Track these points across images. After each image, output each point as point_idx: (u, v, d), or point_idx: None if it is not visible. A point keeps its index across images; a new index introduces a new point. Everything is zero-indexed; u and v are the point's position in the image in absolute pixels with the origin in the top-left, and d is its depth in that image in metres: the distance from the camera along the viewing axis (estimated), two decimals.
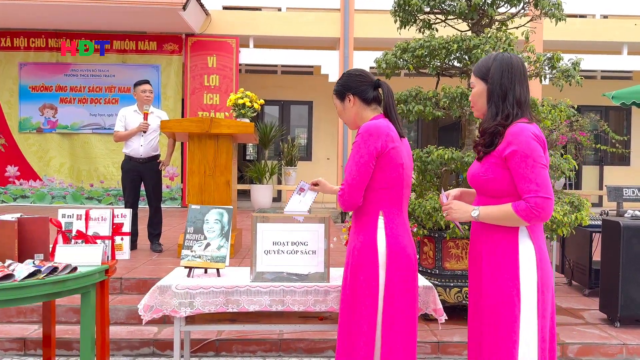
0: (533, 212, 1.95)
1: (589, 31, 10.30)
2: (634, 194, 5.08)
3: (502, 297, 2.01)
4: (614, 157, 12.30)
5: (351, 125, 2.39)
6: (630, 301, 4.03)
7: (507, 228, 2.04)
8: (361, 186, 2.21)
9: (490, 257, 2.07)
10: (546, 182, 1.96)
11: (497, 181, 2.04)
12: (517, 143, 1.98)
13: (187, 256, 2.85)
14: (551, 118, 4.16)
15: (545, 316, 2.02)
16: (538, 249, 2.04)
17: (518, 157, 1.97)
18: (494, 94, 2.09)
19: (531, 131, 2.01)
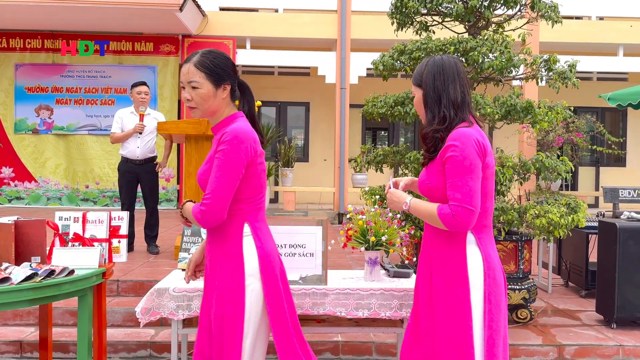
0: (453, 220, 1.93)
1: (585, 33, 10.34)
2: (630, 195, 5.10)
3: (455, 306, 1.97)
4: (610, 158, 12.35)
5: (203, 114, 2.08)
6: (626, 302, 4.04)
7: (455, 236, 2.01)
8: (228, 199, 1.98)
9: (439, 264, 2.04)
10: (472, 194, 1.92)
11: (440, 189, 2.02)
12: (455, 149, 1.95)
13: (185, 259, 2.85)
14: (548, 120, 4.17)
15: (493, 328, 1.96)
16: (485, 256, 2.01)
17: (452, 162, 1.95)
18: (429, 98, 2.07)
19: (472, 137, 1.97)
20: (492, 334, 1.95)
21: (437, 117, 2.04)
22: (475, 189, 1.94)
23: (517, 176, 4.28)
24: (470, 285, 1.97)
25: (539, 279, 5.38)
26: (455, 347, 1.95)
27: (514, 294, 4.02)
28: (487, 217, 2.06)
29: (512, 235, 4.09)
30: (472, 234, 2.02)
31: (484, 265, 1.99)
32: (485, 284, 1.98)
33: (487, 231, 2.07)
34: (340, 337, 3.77)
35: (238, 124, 2.04)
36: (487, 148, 2.01)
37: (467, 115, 2.06)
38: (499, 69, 4.11)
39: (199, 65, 2.04)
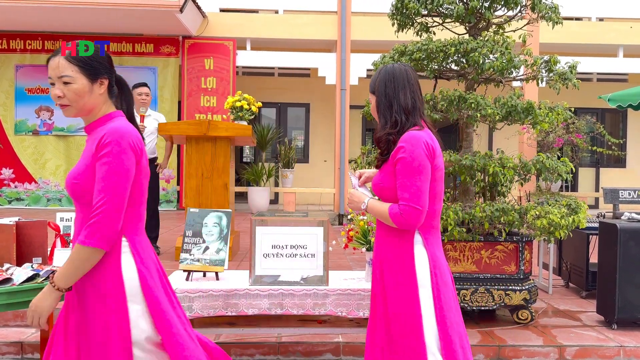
0: (401, 218, 2.00)
1: (585, 34, 10.35)
2: (630, 196, 5.10)
3: (405, 305, 2.03)
4: (610, 159, 12.35)
5: (78, 113, 1.88)
6: (627, 303, 4.04)
7: (403, 233, 2.07)
8: (122, 210, 1.75)
9: (389, 263, 2.10)
10: (419, 193, 1.99)
11: (392, 190, 2.08)
12: (405, 151, 2.02)
13: (186, 260, 2.85)
14: (549, 121, 4.17)
15: (446, 324, 2.02)
16: (432, 256, 2.07)
17: (402, 164, 2.02)
18: (381, 104, 2.15)
19: (421, 139, 2.04)
20: (445, 329, 2.01)
21: (389, 122, 2.12)
22: (423, 189, 2.01)
23: (518, 177, 4.29)
24: (419, 284, 2.03)
25: (540, 280, 5.38)
26: (408, 343, 2.02)
27: (515, 295, 4.03)
28: (434, 218, 2.13)
29: (512, 236, 4.09)
30: (419, 234, 2.08)
31: (430, 264, 2.06)
32: (432, 283, 2.04)
33: (435, 232, 2.14)
34: (341, 338, 3.77)
35: (117, 123, 1.83)
36: (436, 150, 2.08)
37: (419, 120, 2.13)
38: (500, 70, 4.11)
39: (70, 57, 1.86)
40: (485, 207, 3.93)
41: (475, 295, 4.01)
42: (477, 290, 4.01)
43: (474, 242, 4.05)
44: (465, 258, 4.06)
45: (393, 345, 2.06)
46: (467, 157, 4.03)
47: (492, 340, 3.83)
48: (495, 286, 4.03)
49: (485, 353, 3.73)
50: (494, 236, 4.06)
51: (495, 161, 4.03)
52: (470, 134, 4.50)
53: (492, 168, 3.94)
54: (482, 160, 4.01)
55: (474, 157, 4.05)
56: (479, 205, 3.99)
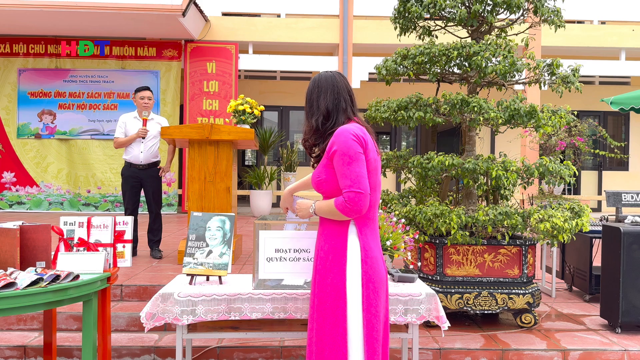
0: (347, 206, 2.11)
1: (587, 37, 10.35)
2: (633, 199, 5.09)
3: (332, 292, 2.15)
4: (613, 162, 12.33)
5: None
6: (631, 307, 4.03)
7: (338, 224, 2.20)
8: None
9: (323, 253, 2.22)
10: (359, 178, 2.11)
11: (329, 182, 2.20)
12: (337, 143, 2.15)
13: (189, 263, 2.84)
14: (551, 124, 4.17)
15: (371, 312, 2.13)
16: (364, 245, 2.18)
17: (337, 156, 2.14)
18: (310, 109, 2.31)
19: (350, 132, 2.16)
20: (370, 317, 2.13)
21: (315, 123, 2.28)
22: (361, 174, 2.13)
23: (521, 180, 4.28)
24: (347, 273, 2.14)
25: (543, 284, 5.37)
26: (332, 330, 2.13)
27: (518, 299, 4.02)
28: (370, 209, 2.23)
29: (516, 240, 4.08)
30: (354, 225, 2.20)
31: (362, 254, 2.16)
32: (363, 271, 2.15)
33: (370, 223, 2.24)
34: None
35: None
36: (367, 142, 2.20)
37: (344, 119, 2.27)
38: (502, 73, 4.11)
39: None
40: (488, 211, 3.93)
41: (478, 299, 4.00)
42: (480, 294, 4.00)
43: (477, 246, 4.04)
44: (468, 262, 4.05)
45: (319, 330, 2.17)
46: (470, 161, 4.03)
47: (496, 344, 3.82)
48: (499, 290, 4.02)
49: (488, 357, 3.72)
50: (497, 240, 4.05)
51: (498, 165, 4.03)
52: (472, 137, 4.49)
53: (495, 171, 3.94)
54: (485, 163, 4.01)
55: (476, 161, 4.05)
56: (482, 209, 3.99)
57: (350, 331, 2.11)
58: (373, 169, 2.21)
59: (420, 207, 4.11)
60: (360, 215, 2.17)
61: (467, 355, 3.72)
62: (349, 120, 2.28)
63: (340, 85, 2.31)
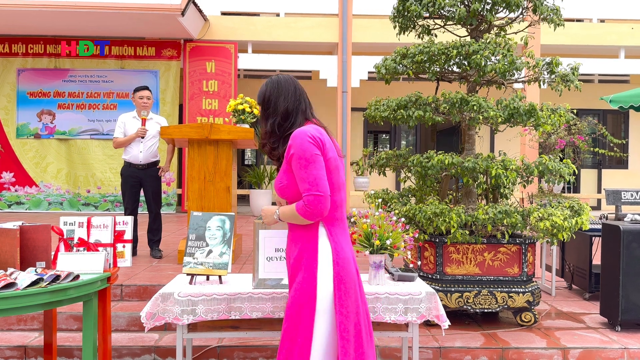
0: (307, 209, 2.08)
1: (586, 35, 10.35)
2: (633, 197, 5.09)
3: (302, 294, 2.12)
4: (612, 160, 12.34)
5: None
6: (631, 305, 4.03)
7: (308, 228, 2.17)
8: None
9: (294, 259, 2.20)
10: (317, 180, 2.08)
11: (290, 187, 2.17)
12: (294, 146, 2.12)
13: (189, 263, 2.85)
14: (551, 123, 4.17)
15: (343, 313, 2.11)
16: (335, 247, 2.15)
17: (295, 159, 2.11)
18: (266, 112, 2.28)
19: (307, 133, 2.13)
20: (342, 319, 2.10)
21: (273, 126, 2.25)
22: (320, 176, 2.09)
23: (521, 179, 4.28)
24: (319, 275, 2.12)
25: (543, 282, 5.37)
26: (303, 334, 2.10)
27: (518, 297, 4.02)
28: (337, 210, 2.20)
29: (515, 238, 4.09)
30: (323, 226, 2.17)
31: (334, 256, 2.14)
32: (335, 273, 2.12)
33: (339, 224, 2.22)
34: None
35: None
36: (325, 142, 2.17)
37: (302, 121, 2.25)
38: (502, 72, 4.11)
39: None
40: (488, 210, 3.93)
41: (478, 298, 4.00)
42: (480, 292, 4.00)
43: (477, 245, 4.04)
44: (468, 260, 4.06)
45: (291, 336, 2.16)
46: (469, 160, 4.03)
47: (496, 342, 3.82)
48: (499, 288, 4.03)
49: (488, 356, 3.73)
50: (496, 238, 4.05)
51: (498, 163, 4.03)
52: (472, 136, 4.49)
53: (494, 170, 3.94)
54: (485, 162, 4.01)
55: (476, 160, 4.05)
56: (481, 208, 3.99)
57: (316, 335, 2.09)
58: (334, 169, 2.18)
59: (420, 206, 4.11)
60: (325, 217, 2.15)
61: (467, 353, 3.73)
62: (307, 122, 2.26)
63: (299, 86, 2.32)
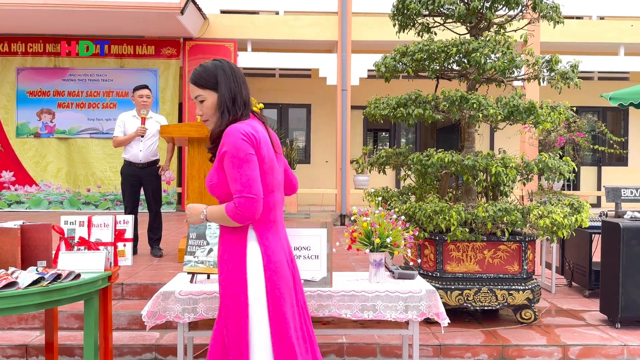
0: (238, 212, 1.97)
1: (586, 33, 10.34)
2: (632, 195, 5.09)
3: (234, 300, 2.04)
4: (612, 158, 12.34)
5: None
6: (630, 302, 4.04)
7: (236, 231, 2.07)
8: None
9: (223, 262, 2.09)
10: (250, 182, 1.98)
11: (221, 186, 2.06)
12: (227, 144, 2.00)
13: (190, 262, 2.85)
14: (551, 120, 4.17)
15: (278, 320, 2.04)
16: (265, 251, 2.06)
17: (228, 158, 2.00)
18: (225, 100, 2.10)
19: (240, 130, 2.01)
20: (276, 325, 2.03)
21: (232, 117, 2.09)
22: (253, 177, 1.99)
23: (521, 177, 4.29)
24: (249, 282, 2.03)
25: (543, 279, 5.38)
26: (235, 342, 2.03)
27: (518, 295, 4.03)
28: (270, 212, 2.11)
29: (515, 236, 4.09)
30: (253, 230, 2.07)
31: (264, 260, 2.05)
32: (266, 278, 2.04)
33: (272, 226, 2.12)
34: (344, 339, 3.77)
35: None
36: (260, 140, 2.05)
37: (247, 113, 2.13)
38: (501, 69, 4.11)
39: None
40: (487, 207, 3.93)
41: (478, 295, 4.01)
42: (480, 290, 4.01)
43: (477, 242, 4.05)
44: (468, 258, 4.06)
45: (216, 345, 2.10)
46: (469, 157, 4.04)
47: (496, 340, 3.83)
48: (499, 286, 4.03)
49: (488, 353, 3.74)
50: (496, 236, 4.06)
51: (498, 161, 4.03)
52: (472, 134, 4.50)
53: (494, 168, 3.94)
54: (485, 160, 4.01)
55: (476, 157, 4.05)
56: (481, 205, 3.99)
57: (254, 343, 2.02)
58: (268, 169, 2.08)
59: (420, 204, 4.12)
60: (255, 220, 2.05)
61: (467, 351, 3.74)
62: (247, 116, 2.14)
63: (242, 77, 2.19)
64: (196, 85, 2.13)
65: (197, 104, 2.16)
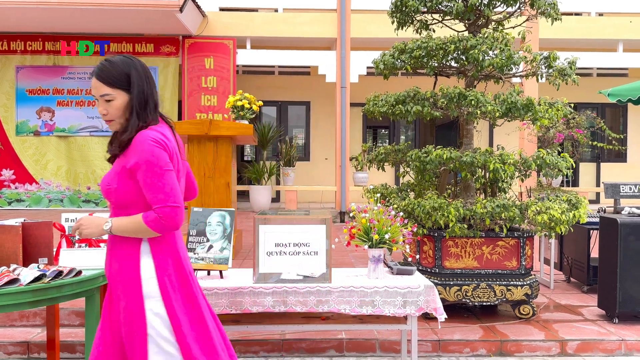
0: (162, 222, 1.90)
1: (585, 29, 10.36)
2: (631, 191, 5.11)
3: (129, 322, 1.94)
4: (611, 154, 12.37)
5: None
6: (628, 297, 4.07)
7: (129, 243, 1.96)
8: None
9: (115, 276, 1.98)
10: (174, 191, 1.92)
11: (121, 192, 1.96)
12: (143, 152, 1.90)
13: (190, 258, 2.87)
14: (548, 117, 4.19)
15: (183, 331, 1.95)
16: (159, 264, 1.96)
17: (146, 167, 1.90)
18: (137, 103, 1.98)
19: (156, 139, 1.93)
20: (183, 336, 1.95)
21: (142, 121, 1.98)
22: (175, 186, 1.93)
23: (519, 173, 4.31)
24: (145, 297, 1.93)
25: (541, 275, 5.40)
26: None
27: (516, 290, 4.05)
28: None
29: (513, 232, 4.12)
30: (147, 243, 1.97)
31: (158, 275, 1.95)
32: (162, 294, 1.94)
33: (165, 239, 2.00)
34: (344, 335, 3.80)
35: None
36: (171, 148, 1.98)
37: (156, 117, 2.03)
38: (499, 66, 4.13)
39: None
40: (486, 204, 3.96)
41: (477, 291, 4.03)
42: (478, 285, 4.04)
43: (475, 238, 4.07)
44: (466, 254, 4.09)
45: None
46: (467, 154, 4.06)
47: (494, 335, 3.86)
48: (497, 282, 4.06)
49: (487, 348, 3.76)
50: (495, 232, 4.08)
51: (496, 158, 4.05)
52: (470, 130, 4.52)
53: (492, 164, 3.96)
54: (483, 156, 4.03)
55: (474, 154, 4.07)
56: (480, 202, 4.02)
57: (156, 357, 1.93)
58: (178, 177, 2.01)
59: (418, 200, 4.14)
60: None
61: (465, 346, 3.76)
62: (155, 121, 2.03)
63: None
64: (104, 82, 1.97)
65: (101, 102, 1.99)
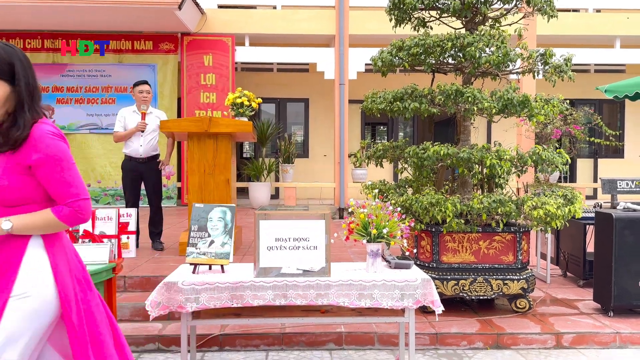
0: (78, 216, 1.88)
1: (582, 25, 10.40)
2: (628, 186, 5.17)
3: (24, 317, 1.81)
4: (608, 150, 12.42)
5: None
6: (623, 291, 4.13)
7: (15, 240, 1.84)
8: None
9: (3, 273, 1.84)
10: (82, 184, 1.94)
11: (15, 189, 1.83)
12: (46, 148, 1.84)
13: (192, 253, 2.93)
14: (544, 113, 4.24)
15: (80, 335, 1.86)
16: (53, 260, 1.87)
17: (53, 163, 1.85)
18: (27, 95, 1.91)
19: (51, 132, 1.88)
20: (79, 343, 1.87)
21: (33, 116, 1.90)
22: (81, 179, 1.96)
23: (515, 169, 4.36)
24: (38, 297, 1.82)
25: (538, 270, 5.47)
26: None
27: (513, 284, 4.11)
28: None
29: (510, 227, 4.17)
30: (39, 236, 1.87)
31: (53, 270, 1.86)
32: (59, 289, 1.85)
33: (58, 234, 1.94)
34: (343, 329, 3.86)
35: None
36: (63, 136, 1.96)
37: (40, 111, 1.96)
38: (496, 63, 4.18)
39: None
40: (482, 199, 4.01)
41: (474, 285, 4.09)
42: (475, 280, 4.10)
43: (472, 233, 4.13)
44: (463, 249, 4.14)
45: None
46: (464, 150, 4.11)
47: (491, 328, 3.92)
48: (494, 276, 4.12)
49: (484, 341, 3.83)
50: (491, 227, 4.14)
51: (492, 154, 4.11)
52: (467, 127, 4.57)
53: (489, 160, 4.02)
54: (480, 153, 4.09)
55: (471, 150, 4.12)
56: (476, 197, 4.07)
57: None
58: None
59: (416, 196, 4.20)
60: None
61: (463, 339, 3.82)
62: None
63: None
64: None
65: None
